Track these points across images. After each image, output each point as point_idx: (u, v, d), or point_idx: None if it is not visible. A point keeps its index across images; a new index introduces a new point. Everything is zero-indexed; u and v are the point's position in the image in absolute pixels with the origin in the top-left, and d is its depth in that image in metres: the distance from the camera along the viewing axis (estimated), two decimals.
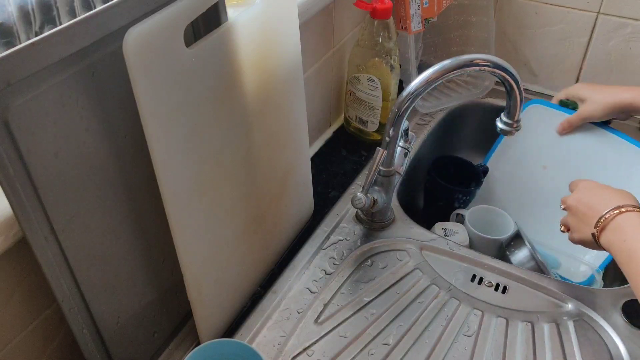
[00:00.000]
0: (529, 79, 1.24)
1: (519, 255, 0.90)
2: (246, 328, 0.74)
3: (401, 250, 0.85)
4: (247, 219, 0.73)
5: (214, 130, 0.63)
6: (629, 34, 1.10)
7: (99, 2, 0.58)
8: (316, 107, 1.04)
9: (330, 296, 0.78)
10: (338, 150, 1.07)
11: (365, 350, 0.72)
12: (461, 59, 0.75)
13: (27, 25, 0.53)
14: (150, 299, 0.68)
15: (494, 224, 0.97)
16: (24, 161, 0.49)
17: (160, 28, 0.52)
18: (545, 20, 1.17)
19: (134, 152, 0.60)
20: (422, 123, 1.13)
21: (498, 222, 0.98)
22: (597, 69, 1.17)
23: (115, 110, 0.56)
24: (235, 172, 0.69)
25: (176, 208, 0.60)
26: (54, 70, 0.49)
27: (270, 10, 0.68)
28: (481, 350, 0.72)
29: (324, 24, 0.99)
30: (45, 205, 0.51)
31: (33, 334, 0.61)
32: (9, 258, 0.55)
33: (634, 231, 0.65)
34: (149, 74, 0.52)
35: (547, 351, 0.72)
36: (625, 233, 0.66)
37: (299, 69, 0.77)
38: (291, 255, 0.84)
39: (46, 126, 0.50)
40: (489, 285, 0.80)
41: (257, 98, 0.69)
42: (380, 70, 1.00)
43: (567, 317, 0.76)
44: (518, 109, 0.79)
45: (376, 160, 0.80)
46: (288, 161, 0.81)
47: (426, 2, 1.04)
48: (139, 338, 0.68)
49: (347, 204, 0.92)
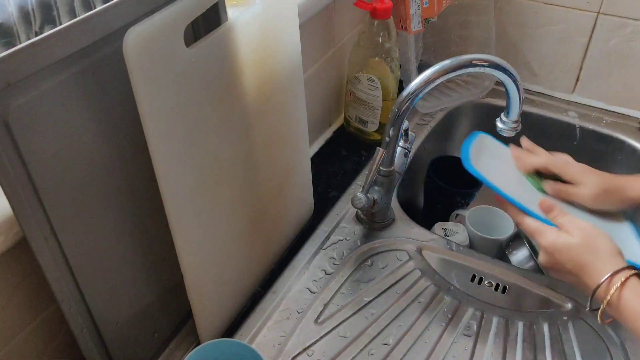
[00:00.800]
0: (529, 79, 1.24)
1: (518, 256, 0.90)
2: (246, 328, 0.74)
3: (401, 250, 0.85)
4: (247, 219, 0.73)
5: (214, 130, 0.63)
6: (629, 34, 1.10)
7: (99, 2, 0.58)
8: (316, 107, 1.04)
9: (330, 296, 0.78)
10: (338, 150, 1.07)
11: (365, 350, 0.72)
12: (461, 59, 0.75)
13: (27, 25, 0.53)
14: (150, 299, 0.68)
15: (494, 224, 0.97)
16: (24, 161, 0.49)
17: (160, 28, 0.52)
18: (545, 20, 1.17)
19: (134, 152, 0.59)
20: (422, 123, 1.13)
21: (498, 222, 0.98)
22: (597, 69, 1.17)
23: (115, 110, 0.56)
24: (235, 172, 0.69)
25: (176, 208, 0.60)
26: (54, 70, 0.49)
27: (270, 10, 0.68)
28: (481, 350, 0.72)
29: (324, 24, 0.99)
30: (45, 205, 0.51)
31: (33, 334, 0.61)
32: (9, 258, 0.55)
33: None
34: (149, 73, 0.52)
35: (547, 351, 0.72)
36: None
37: (299, 69, 0.77)
38: (291, 255, 0.84)
39: (46, 126, 0.50)
40: (489, 285, 0.80)
41: (257, 98, 0.69)
42: (380, 70, 1.00)
43: (567, 317, 0.76)
44: (518, 109, 0.79)
45: (376, 160, 0.80)
46: (288, 161, 0.81)
47: (426, 2, 1.04)
48: (139, 338, 0.68)
49: (347, 204, 0.92)
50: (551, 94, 1.23)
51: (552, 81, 1.22)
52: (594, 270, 0.64)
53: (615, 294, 0.61)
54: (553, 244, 0.67)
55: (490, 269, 0.82)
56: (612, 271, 0.62)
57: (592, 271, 0.64)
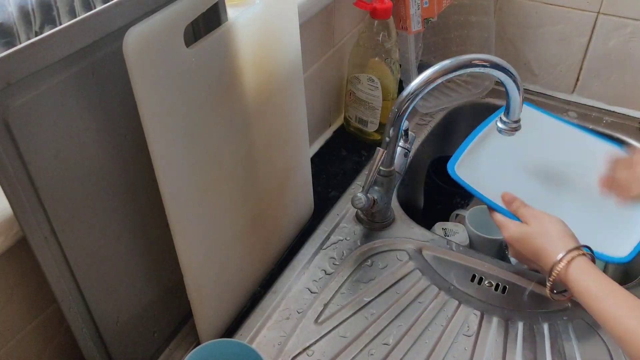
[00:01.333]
0: (529, 79, 1.24)
1: None
2: (246, 328, 0.74)
3: (401, 250, 0.85)
4: (247, 218, 0.73)
5: (213, 130, 0.63)
6: (629, 34, 1.10)
7: (99, 2, 0.58)
8: (316, 107, 1.04)
9: (330, 296, 0.78)
10: (338, 150, 1.07)
11: (365, 350, 0.72)
12: (461, 59, 0.75)
13: (27, 25, 0.53)
14: (150, 299, 0.68)
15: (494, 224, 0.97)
16: (24, 161, 0.49)
17: (160, 28, 0.52)
18: (545, 20, 1.17)
19: (134, 152, 0.59)
20: (422, 123, 1.13)
21: None
22: (597, 69, 1.17)
23: (115, 110, 0.56)
24: (235, 172, 0.69)
25: (176, 208, 0.60)
26: (54, 70, 0.49)
27: (270, 10, 0.68)
28: (481, 350, 0.72)
29: (324, 24, 0.99)
30: (45, 205, 0.51)
31: (33, 334, 0.61)
32: (9, 258, 0.55)
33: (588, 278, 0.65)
34: (149, 74, 0.52)
35: (547, 351, 0.72)
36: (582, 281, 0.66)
37: (299, 69, 0.77)
38: (291, 255, 0.84)
39: (46, 126, 0.50)
40: (489, 285, 0.80)
41: (257, 98, 0.69)
42: (380, 70, 1.00)
43: (567, 317, 0.76)
44: (518, 109, 0.79)
45: (376, 160, 0.80)
46: (288, 161, 0.81)
47: (426, 2, 1.04)
48: (139, 338, 0.68)
49: (347, 204, 0.92)
50: (551, 94, 1.23)
51: (552, 81, 1.22)
52: (547, 253, 0.69)
53: (563, 271, 0.66)
54: (513, 235, 0.74)
55: (490, 269, 0.82)
56: (565, 251, 0.67)
57: (546, 254, 0.69)
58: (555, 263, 0.67)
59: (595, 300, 0.63)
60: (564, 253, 0.67)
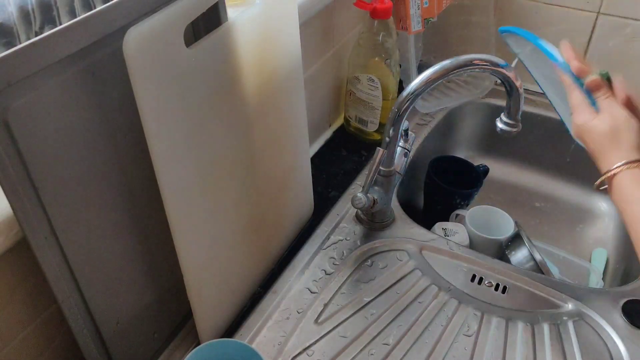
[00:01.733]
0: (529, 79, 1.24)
1: (518, 256, 0.90)
2: (246, 328, 0.74)
3: (401, 250, 0.85)
4: (247, 218, 0.73)
5: (214, 130, 0.63)
6: (629, 34, 1.10)
7: (99, 2, 0.58)
8: (316, 107, 1.04)
9: (330, 296, 0.78)
10: (338, 150, 1.07)
11: (365, 350, 0.72)
12: (461, 59, 0.75)
13: (27, 25, 0.53)
14: (150, 299, 0.68)
15: (494, 224, 0.97)
16: (24, 161, 0.49)
17: (160, 28, 0.52)
18: (545, 20, 1.17)
19: (134, 152, 0.59)
20: (422, 123, 1.13)
21: (498, 222, 0.97)
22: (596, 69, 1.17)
23: (115, 110, 0.56)
24: (235, 172, 0.69)
25: (176, 208, 0.60)
26: (54, 70, 0.49)
27: (270, 10, 0.68)
28: (481, 350, 0.72)
29: (324, 24, 0.99)
30: (45, 205, 0.51)
31: (33, 334, 0.61)
32: (9, 258, 0.55)
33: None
34: (149, 74, 0.52)
35: (547, 351, 0.72)
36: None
37: (299, 69, 0.77)
38: (291, 255, 0.84)
39: (46, 126, 0.50)
40: (489, 285, 0.80)
41: (257, 98, 0.69)
42: (380, 70, 1.00)
43: (567, 317, 0.76)
44: (518, 109, 0.79)
45: (376, 160, 0.80)
46: (288, 161, 0.81)
47: (426, 2, 1.04)
48: (139, 338, 0.68)
49: (347, 204, 0.92)
50: None
51: None
52: (609, 159, 0.66)
53: (619, 174, 0.64)
54: (583, 125, 0.70)
55: (490, 269, 0.82)
56: (625, 161, 0.64)
57: (607, 158, 0.66)
58: (610, 171, 0.65)
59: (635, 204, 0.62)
60: (628, 163, 0.64)
